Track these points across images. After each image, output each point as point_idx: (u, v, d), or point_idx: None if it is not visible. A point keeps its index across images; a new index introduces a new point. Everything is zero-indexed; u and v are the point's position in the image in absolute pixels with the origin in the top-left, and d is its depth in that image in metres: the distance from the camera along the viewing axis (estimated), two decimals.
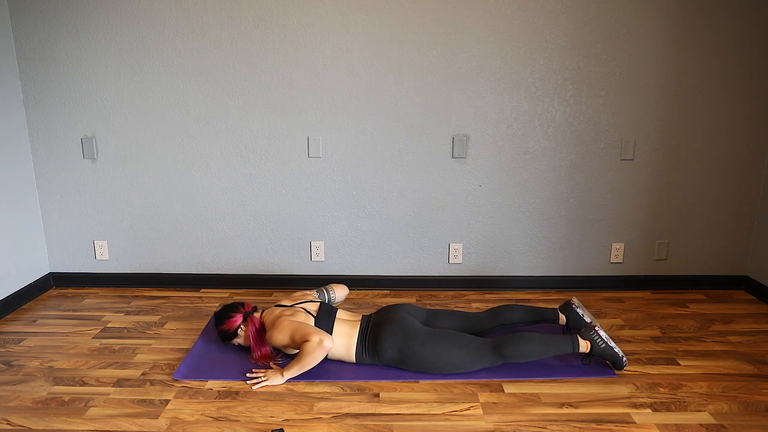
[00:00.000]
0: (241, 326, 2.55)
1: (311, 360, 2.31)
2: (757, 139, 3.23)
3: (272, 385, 2.33)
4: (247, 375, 2.38)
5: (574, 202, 3.31)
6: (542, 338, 2.40)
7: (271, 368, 2.42)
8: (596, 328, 2.44)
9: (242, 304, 2.60)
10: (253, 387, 2.32)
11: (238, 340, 2.58)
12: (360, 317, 2.58)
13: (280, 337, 2.38)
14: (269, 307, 2.63)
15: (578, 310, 2.67)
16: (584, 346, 2.41)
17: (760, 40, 3.09)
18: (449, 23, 3.06)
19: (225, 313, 2.58)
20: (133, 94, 3.17)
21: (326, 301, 2.74)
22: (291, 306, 2.55)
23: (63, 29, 3.08)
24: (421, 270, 3.42)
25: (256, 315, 2.58)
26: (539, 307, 2.73)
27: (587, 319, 2.66)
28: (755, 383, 2.34)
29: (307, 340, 2.30)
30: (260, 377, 2.35)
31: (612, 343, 2.41)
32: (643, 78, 3.13)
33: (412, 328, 2.41)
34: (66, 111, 3.20)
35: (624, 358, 2.40)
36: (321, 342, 2.29)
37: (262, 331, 2.50)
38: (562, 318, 2.70)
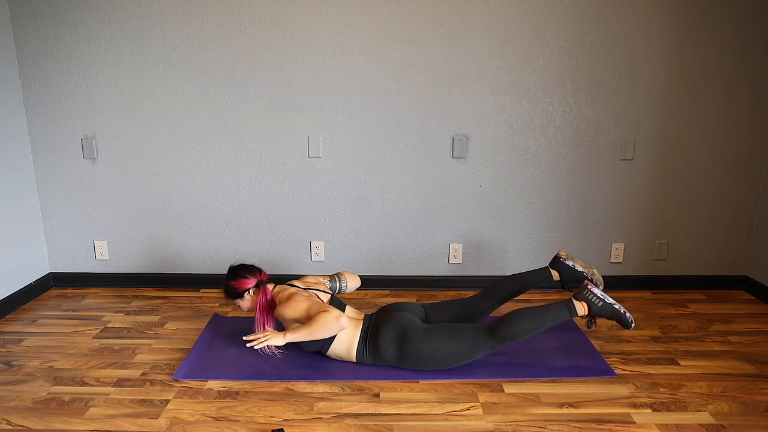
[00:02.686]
0: (251, 290, 2.53)
1: (322, 330, 2.29)
2: (757, 139, 3.23)
3: (272, 345, 2.35)
4: (244, 338, 2.38)
5: (574, 202, 3.31)
6: (536, 311, 2.36)
7: (269, 329, 2.40)
8: (589, 287, 2.37)
9: (260, 270, 2.58)
10: (255, 347, 2.32)
11: (241, 302, 2.57)
12: (363, 316, 2.57)
13: (296, 308, 2.36)
14: (281, 284, 2.60)
15: (568, 262, 2.62)
16: (581, 308, 2.36)
17: (760, 40, 3.09)
18: (449, 23, 3.06)
19: (240, 271, 2.55)
20: (133, 94, 3.17)
21: (337, 291, 2.72)
22: (305, 289, 2.54)
23: (63, 29, 3.08)
24: (421, 270, 3.42)
25: (270, 287, 2.56)
26: (530, 272, 2.69)
27: (579, 269, 2.60)
28: (755, 383, 2.34)
29: (325, 311, 2.30)
30: (260, 337, 2.34)
31: (610, 300, 2.35)
32: (643, 78, 3.13)
33: (410, 326, 2.40)
34: (66, 111, 3.20)
35: (628, 314, 2.35)
36: (339, 317, 2.29)
37: (270, 305, 2.50)
38: (555, 274, 2.66)
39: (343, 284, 2.74)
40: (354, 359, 2.45)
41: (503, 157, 3.24)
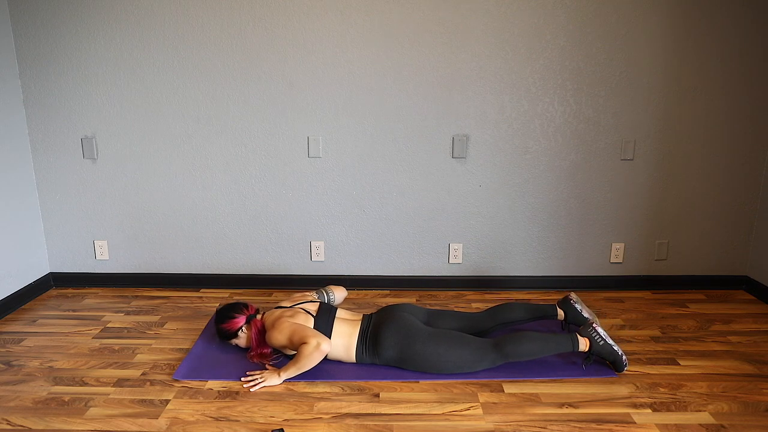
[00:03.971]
0: (243, 328, 2.55)
1: (308, 362, 2.31)
2: (757, 140, 3.23)
3: (269, 386, 2.33)
4: (242, 379, 2.37)
5: (574, 202, 3.31)
6: (542, 337, 2.40)
7: (267, 369, 2.42)
8: (594, 326, 2.44)
9: (246, 306, 2.59)
10: (250, 389, 2.32)
11: (237, 341, 2.58)
12: (360, 317, 2.58)
13: (279, 337, 2.39)
14: (270, 309, 2.62)
15: (576, 306, 2.69)
16: (583, 343, 2.41)
17: (760, 40, 3.09)
18: (449, 23, 3.06)
19: (228, 312, 2.57)
20: (133, 94, 3.17)
21: (326, 302, 2.74)
22: (291, 307, 2.55)
23: (63, 29, 3.08)
24: (421, 270, 3.42)
25: (259, 317, 2.57)
26: (538, 304, 2.74)
27: (585, 315, 2.67)
28: (755, 383, 2.34)
29: (305, 343, 2.31)
30: (257, 378, 2.35)
31: (611, 341, 2.41)
32: (643, 78, 3.13)
33: (414, 328, 2.41)
34: (66, 111, 3.20)
35: (624, 357, 2.40)
36: (318, 345, 2.29)
37: (263, 334, 2.50)
38: (561, 313, 2.71)
39: (331, 296, 2.77)
40: (353, 359, 2.46)
41: (503, 157, 3.24)
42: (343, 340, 2.44)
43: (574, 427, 2.04)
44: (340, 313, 2.57)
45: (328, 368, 2.43)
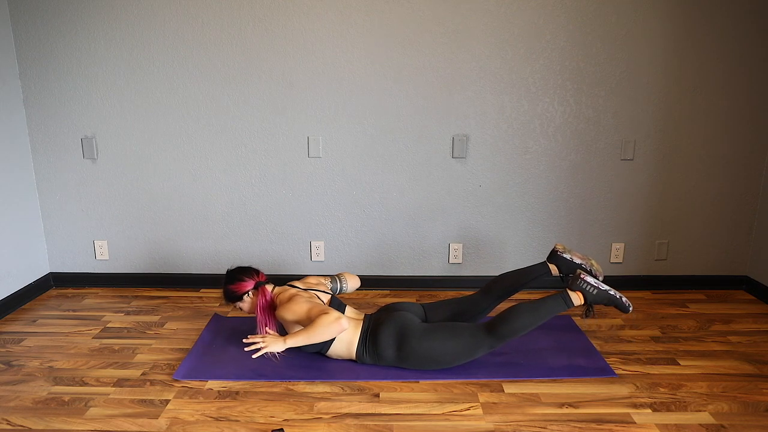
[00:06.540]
0: (250, 293, 2.54)
1: (322, 332, 2.30)
2: (757, 139, 3.23)
3: (273, 352, 2.36)
4: (244, 341, 2.38)
5: (574, 202, 3.31)
6: (533, 306, 2.36)
7: (269, 335, 2.42)
8: (582, 276, 2.37)
9: (257, 272, 2.60)
10: (253, 356, 2.36)
11: (242, 305, 2.59)
12: (363, 316, 2.57)
13: (297, 310, 2.37)
14: (282, 285, 2.61)
15: (565, 256, 2.62)
16: (577, 298, 2.36)
17: (760, 40, 3.09)
18: (449, 23, 3.06)
19: (238, 274, 2.57)
20: (133, 94, 3.17)
21: (337, 292, 2.73)
22: (305, 290, 2.55)
23: (63, 29, 3.08)
24: (421, 270, 3.42)
25: (268, 287, 2.57)
26: (528, 267, 2.69)
27: (578, 261, 2.60)
28: (755, 383, 2.34)
29: (325, 313, 2.30)
30: (258, 342, 2.36)
31: (604, 287, 2.36)
32: (643, 78, 3.13)
33: (409, 325, 2.41)
34: (66, 111, 3.20)
35: (624, 299, 2.36)
36: (339, 318, 2.29)
37: (271, 306, 2.51)
38: (553, 268, 2.65)
39: (344, 285, 2.75)
40: (354, 358, 2.45)
41: (503, 157, 3.24)
42: (347, 339, 2.43)
43: (574, 427, 2.04)
44: (348, 311, 2.57)
45: (328, 368, 2.43)
